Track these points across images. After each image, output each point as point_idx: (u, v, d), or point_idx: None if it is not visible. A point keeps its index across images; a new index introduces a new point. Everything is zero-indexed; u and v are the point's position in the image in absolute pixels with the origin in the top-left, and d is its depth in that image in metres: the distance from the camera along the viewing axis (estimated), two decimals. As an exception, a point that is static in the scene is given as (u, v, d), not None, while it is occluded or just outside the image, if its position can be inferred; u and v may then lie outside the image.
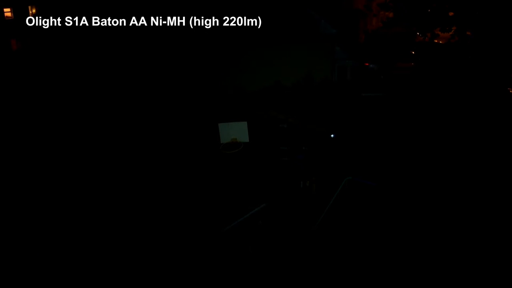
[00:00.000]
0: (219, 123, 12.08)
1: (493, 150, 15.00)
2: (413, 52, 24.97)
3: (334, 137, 14.51)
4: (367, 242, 10.67)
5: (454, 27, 21.02)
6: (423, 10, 21.43)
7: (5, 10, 39.79)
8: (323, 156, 12.69)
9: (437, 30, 21.99)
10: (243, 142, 12.29)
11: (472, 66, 18.22)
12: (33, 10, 40.67)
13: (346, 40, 21.99)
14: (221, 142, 12.32)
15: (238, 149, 12.27)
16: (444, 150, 15.40)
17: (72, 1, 25.94)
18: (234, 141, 12.17)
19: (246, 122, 12.12)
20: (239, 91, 16.26)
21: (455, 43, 21.15)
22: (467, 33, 20.85)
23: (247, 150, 12.86)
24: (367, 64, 23.75)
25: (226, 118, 12.80)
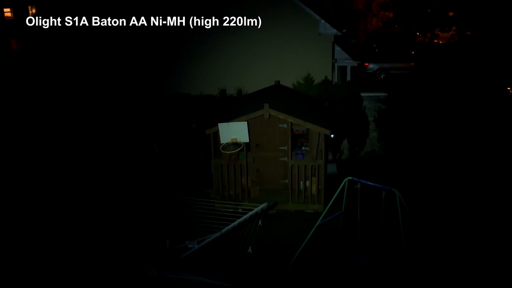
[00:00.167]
0: (219, 123, 12.06)
1: (493, 150, 15.03)
2: (413, 52, 24.99)
3: (334, 137, 14.55)
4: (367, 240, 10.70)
5: (454, 27, 21.02)
6: (423, 10, 21.44)
7: (5, 10, 39.90)
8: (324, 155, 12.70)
9: (437, 30, 21.99)
10: (244, 142, 12.28)
11: (472, 66, 18.23)
12: (33, 10, 40.77)
13: (346, 40, 22.01)
14: (221, 142, 12.30)
15: (238, 149, 12.26)
16: (444, 149, 15.43)
17: (72, 1, 25.94)
18: (234, 141, 12.15)
19: (246, 122, 12.11)
20: (240, 93, 16.31)
21: (455, 43, 21.15)
22: (467, 33, 20.85)
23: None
24: (367, 64, 23.78)
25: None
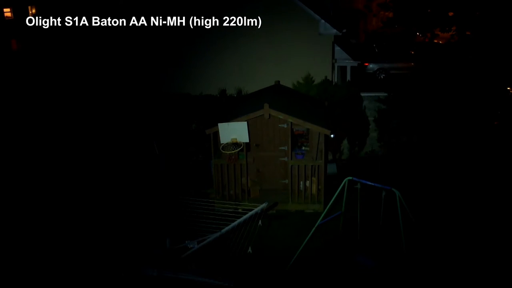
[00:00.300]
0: (219, 123, 12.05)
1: (493, 150, 15.03)
2: (413, 52, 24.99)
3: (334, 137, 14.54)
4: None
5: (454, 27, 21.04)
6: (423, 10, 21.46)
7: (5, 10, 39.91)
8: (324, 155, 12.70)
9: (437, 30, 22.01)
10: (244, 142, 12.27)
11: (472, 66, 18.24)
12: (33, 10, 40.77)
13: (346, 40, 22.00)
14: (221, 142, 12.30)
15: (238, 149, 12.25)
16: (444, 149, 15.43)
17: (72, 1, 25.94)
18: (234, 141, 12.15)
19: (246, 122, 12.10)
20: (240, 93, 16.29)
21: (455, 43, 21.16)
22: (467, 33, 20.87)
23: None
24: (367, 64, 23.78)
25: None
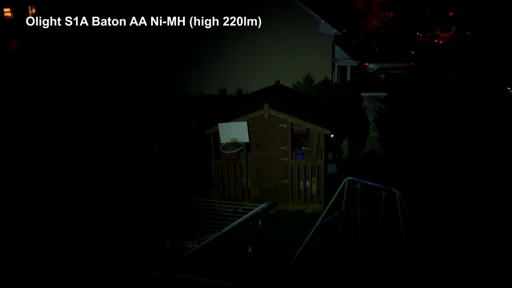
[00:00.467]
0: (219, 123, 12.05)
1: (493, 150, 15.03)
2: (413, 52, 24.99)
3: (334, 137, 14.53)
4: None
5: (454, 27, 21.05)
6: (423, 10, 21.46)
7: (5, 10, 39.96)
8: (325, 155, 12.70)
9: (437, 30, 22.02)
10: (244, 142, 12.27)
11: (472, 66, 18.24)
12: (33, 10, 40.81)
13: (346, 40, 22.00)
14: (221, 142, 12.30)
15: (238, 149, 12.25)
16: (444, 149, 15.43)
17: (72, 1, 25.94)
18: (234, 141, 12.15)
19: (246, 122, 12.10)
20: (240, 93, 16.27)
21: (455, 43, 21.17)
22: (467, 33, 20.87)
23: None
24: (367, 64, 23.78)
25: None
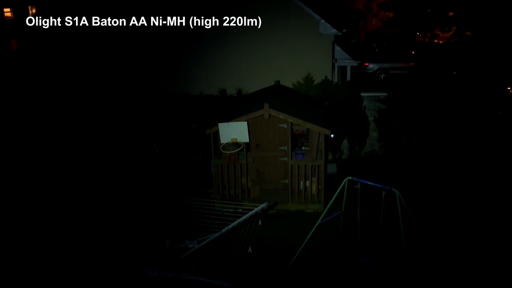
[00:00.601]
0: (219, 123, 12.04)
1: (493, 150, 15.03)
2: (413, 52, 24.99)
3: (334, 137, 14.53)
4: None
5: (454, 27, 21.07)
6: (423, 10, 21.49)
7: (5, 10, 39.98)
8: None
9: (437, 30, 22.04)
10: (244, 142, 12.26)
11: (472, 65, 18.25)
12: (33, 10, 40.83)
13: (346, 40, 22.01)
14: (221, 142, 12.29)
15: (238, 149, 12.25)
16: (445, 149, 15.42)
17: (72, 1, 25.94)
18: (234, 141, 12.15)
19: (246, 122, 12.10)
20: (240, 93, 16.28)
21: (455, 43, 21.19)
22: (467, 33, 20.90)
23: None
24: (367, 64, 23.78)
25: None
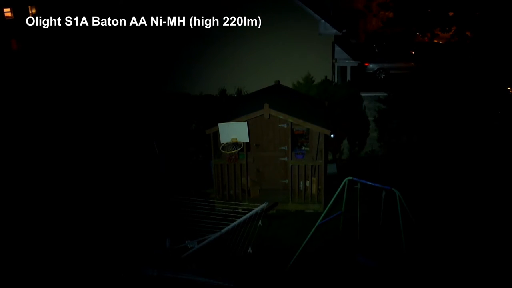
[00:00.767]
0: (219, 123, 12.05)
1: (493, 150, 15.04)
2: (413, 52, 24.99)
3: (334, 137, 14.53)
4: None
5: (454, 27, 21.06)
6: (423, 10, 21.48)
7: (5, 10, 39.99)
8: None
9: (437, 30, 22.04)
10: (244, 142, 12.27)
11: (472, 65, 18.24)
12: (33, 10, 40.83)
13: (346, 40, 22.00)
14: (221, 142, 12.30)
15: (238, 149, 12.25)
16: (445, 149, 15.44)
17: (72, 1, 25.94)
18: (234, 141, 12.15)
19: (246, 122, 12.10)
20: (240, 93, 16.30)
21: (455, 43, 21.19)
22: (467, 33, 20.90)
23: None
24: (367, 64, 23.77)
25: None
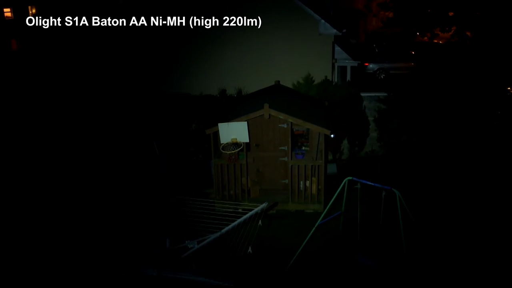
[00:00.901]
0: (219, 123, 12.05)
1: (493, 150, 15.04)
2: (413, 52, 24.99)
3: (334, 137, 14.53)
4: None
5: (454, 27, 21.07)
6: (423, 10, 21.49)
7: (5, 10, 39.98)
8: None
9: (437, 30, 22.04)
10: (244, 142, 12.27)
11: (472, 65, 18.25)
12: (33, 10, 40.82)
13: (346, 40, 22.00)
14: (221, 142, 12.30)
15: (238, 149, 12.25)
16: (444, 149, 15.43)
17: (72, 1, 25.94)
18: (234, 141, 12.15)
19: (246, 122, 12.10)
20: (240, 93, 16.29)
21: (455, 43, 21.20)
22: (467, 33, 20.90)
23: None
24: (367, 64, 23.77)
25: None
